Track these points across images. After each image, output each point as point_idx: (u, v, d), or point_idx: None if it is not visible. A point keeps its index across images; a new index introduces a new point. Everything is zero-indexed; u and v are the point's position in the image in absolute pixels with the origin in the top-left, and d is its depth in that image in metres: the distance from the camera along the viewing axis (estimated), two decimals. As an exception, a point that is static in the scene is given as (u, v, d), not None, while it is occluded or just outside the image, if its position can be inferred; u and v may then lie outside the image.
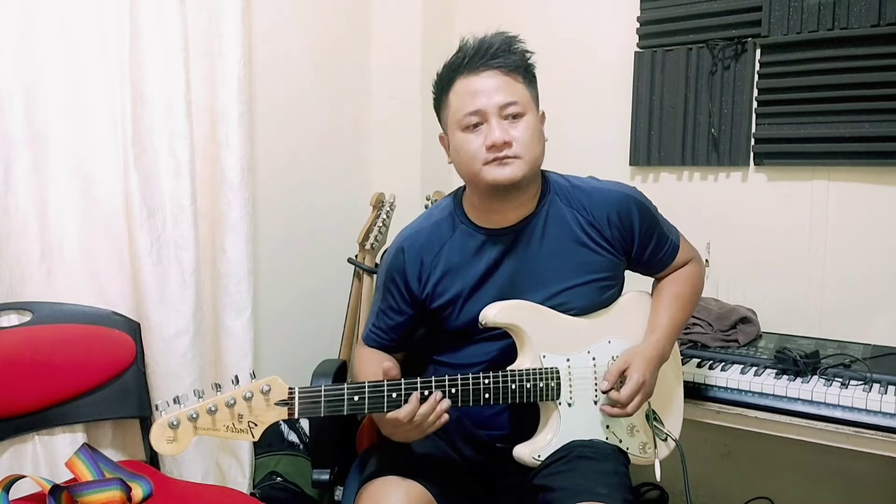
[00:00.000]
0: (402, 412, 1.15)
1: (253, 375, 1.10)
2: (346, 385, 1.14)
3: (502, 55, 1.25)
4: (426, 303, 1.37)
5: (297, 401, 1.10)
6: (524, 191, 1.30)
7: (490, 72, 1.25)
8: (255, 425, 1.08)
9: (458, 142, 1.28)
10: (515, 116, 1.25)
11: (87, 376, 1.54)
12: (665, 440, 1.36)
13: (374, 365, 1.37)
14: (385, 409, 1.16)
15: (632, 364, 1.29)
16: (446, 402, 1.18)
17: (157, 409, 1.05)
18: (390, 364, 1.22)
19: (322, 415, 1.12)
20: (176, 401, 1.06)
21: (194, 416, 1.05)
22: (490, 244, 1.34)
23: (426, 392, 1.17)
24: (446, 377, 1.20)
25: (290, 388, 1.10)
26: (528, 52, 1.30)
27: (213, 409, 1.06)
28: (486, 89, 1.24)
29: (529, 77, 1.30)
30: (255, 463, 1.91)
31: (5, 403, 1.44)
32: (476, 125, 1.25)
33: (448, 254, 1.36)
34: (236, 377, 1.09)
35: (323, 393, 1.12)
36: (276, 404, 1.09)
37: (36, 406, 1.49)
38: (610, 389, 1.28)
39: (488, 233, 1.35)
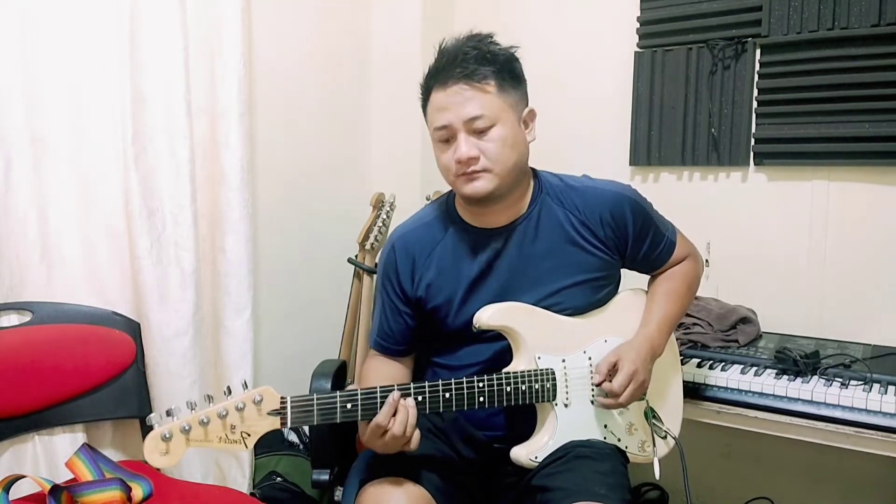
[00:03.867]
0: (380, 417, 1.13)
1: (245, 385, 1.10)
2: (338, 393, 1.14)
3: (471, 65, 1.21)
4: (420, 304, 1.37)
5: (289, 410, 1.10)
6: (505, 197, 1.30)
7: (457, 85, 1.22)
8: (248, 436, 1.09)
9: (435, 154, 1.31)
10: (484, 129, 1.23)
11: (87, 376, 1.54)
12: (664, 438, 1.35)
13: (381, 379, 1.36)
14: None
15: (622, 356, 1.28)
16: (409, 400, 1.17)
17: (149, 421, 1.06)
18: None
19: (315, 423, 1.12)
20: (169, 413, 1.06)
21: (187, 428, 1.05)
22: (483, 245, 1.34)
23: (419, 398, 1.17)
24: (440, 381, 1.19)
25: (282, 398, 1.10)
26: (503, 52, 1.26)
27: (205, 420, 1.06)
28: (452, 103, 1.23)
29: (505, 80, 1.25)
30: (255, 463, 1.91)
31: (5, 403, 1.44)
32: (447, 139, 1.25)
33: (441, 254, 1.36)
34: (228, 388, 1.10)
35: (315, 402, 1.12)
36: (268, 414, 1.09)
37: (36, 406, 1.49)
38: (602, 381, 1.28)
39: (481, 233, 1.34)
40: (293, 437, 2.01)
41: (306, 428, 2.01)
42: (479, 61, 1.23)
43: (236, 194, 1.78)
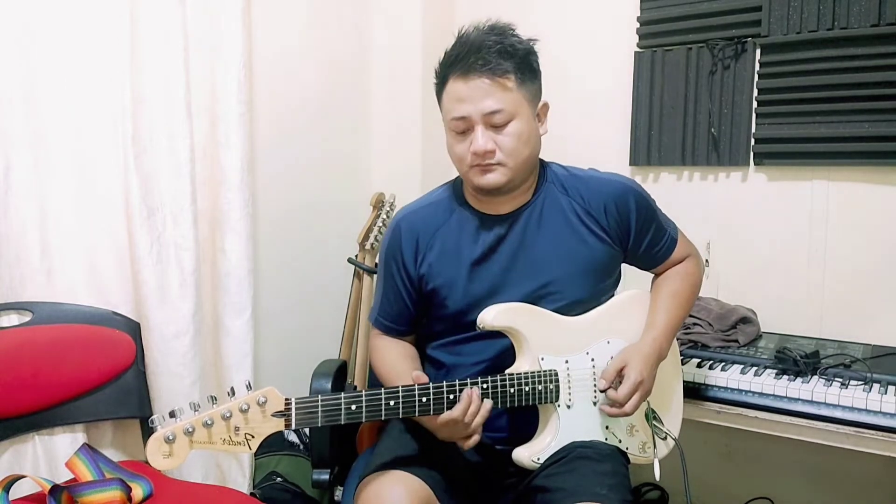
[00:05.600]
0: (456, 412, 1.17)
1: (249, 387, 1.09)
2: (342, 395, 1.13)
3: (493, 58, 1.22)
4: (422, 283, 1.38)
5: (293, 412, 1.10)
6: (514, 189, 1.32)
7: (478, 79, 1.23)
8: (252, 437, 1.08)
9: (449, 142, 1.31)
10: (502, 124, 1.24)
11: (87, 376, 1.54)
12: (665, 439, 1.35)
13: (399, 362, 1.38)
14: (383, 418, 1.16)
15: (629, 363, 1.28)
16: (476, 393, 1.20)
17: (152, 423, 1.05)
18: (419, 373, 1.23)
19: (319, 425, 1.12)
20: (172, 415, 1.05)
21: (190, 429, 1.04)
22: (487, 230, 1.35)
23: (423, 399, 1.17)
24: (444, 383, 1.19)
25: (286, 399, 1.10)
26: (523, 45, 1.27)
27: (209, 422, 1.05)
28: (472, 96, 1.23)
29: (525, 74, 1.26)
30: (255, 463, 1.91)
31: (5, 403, 1.44)
32: (463, 131, 1.26)
33: (444, 236, 1.37)
34: (232, 389, 1.09)
35: (320, 403, 1.11)
36: (272, 416, 1.08)
37: (36, 406, 1.49)
38: (607, 388, 1.28)
39: (486, 218, 1.36)
40: (293, 437, 2.01)
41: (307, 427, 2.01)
42: (501, 55, 1.23)
43: (236, 194, 1.78)
